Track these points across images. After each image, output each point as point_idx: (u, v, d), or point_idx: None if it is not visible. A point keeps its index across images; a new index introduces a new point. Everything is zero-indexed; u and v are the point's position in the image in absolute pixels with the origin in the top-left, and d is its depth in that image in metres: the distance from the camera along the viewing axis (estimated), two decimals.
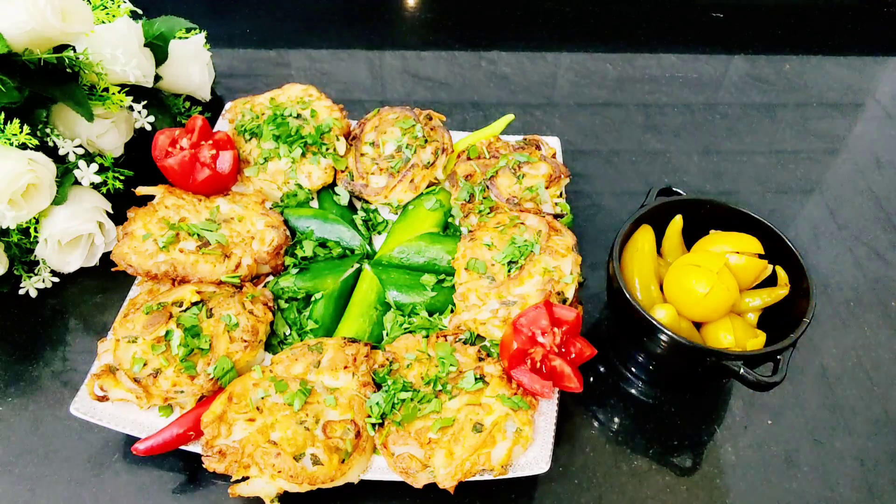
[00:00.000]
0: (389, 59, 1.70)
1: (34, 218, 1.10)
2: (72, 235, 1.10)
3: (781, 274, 1.02)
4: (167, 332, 0.95)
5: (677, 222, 1.08)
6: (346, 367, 0.96)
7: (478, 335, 1.03)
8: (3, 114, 1.05)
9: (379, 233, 1.23)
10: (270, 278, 1.14)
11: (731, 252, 1.02)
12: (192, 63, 1.39)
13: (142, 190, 1.17)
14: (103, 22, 1.25)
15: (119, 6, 1.29)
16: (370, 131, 1.27)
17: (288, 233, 1.16)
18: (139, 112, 1.24)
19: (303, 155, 1.21)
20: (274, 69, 1.64)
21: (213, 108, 1.50)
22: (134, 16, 1.30)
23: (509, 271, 1.05)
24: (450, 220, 1.22)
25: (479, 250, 1.08)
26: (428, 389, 0.93)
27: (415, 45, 1.74)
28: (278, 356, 0.98)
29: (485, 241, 1.09)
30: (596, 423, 1.03)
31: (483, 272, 1.05)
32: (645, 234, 1.07)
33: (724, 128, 1.56)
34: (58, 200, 1.10)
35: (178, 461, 0.96)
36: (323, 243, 1.19)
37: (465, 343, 1.02)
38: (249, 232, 1.13)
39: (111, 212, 1.17)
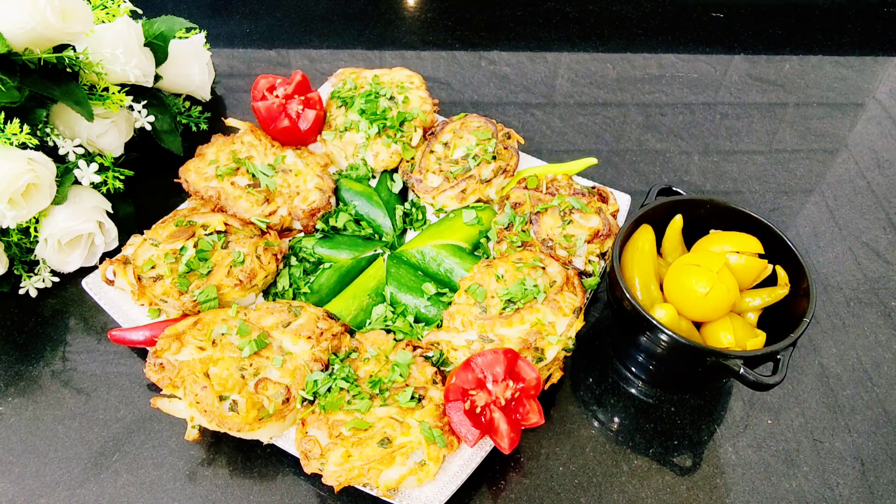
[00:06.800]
0: (389, 59, 1.70)
1: (34, 218, 1.10)
2: (72, 235, 1.10)
3: (781, 274, 1.02)
4: (182, 247, 1.05)
5: (677, 222, 1.08)
6: (308, 338, 0.98)
7: (446, 358, 1.00)
8: (3, 114, 1.05)
9: (415, 229, 1.24)
10: (301, 235, 1.19)
11: (731, 252, 1.02)
12: (192, 63, 1.39)
13: (230, 122, 1.27)
14: (103, 22, 1.25)
15: (119, 6, 1.29)
16: (448, 132, 1.28)
17: (333, 200, 1.21)
18: (139, 112, 1.24)
19: (378, 134, 1.25)
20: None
21: (214, 107, 1.50)
22: (134, 16, 1.30)
23: (504, 309, 1.01)
24: (483, 240, 1.20)
25: (488, 278, 1.05)
26: (367, 389, 0.93)
27: (415, 45, 1.74)
28: (260, 304, 1.02)
29: (497, 272, 1.06)
30: (596, 423, 1.03)
31: (480, 300, 1.03)
32: (645, 234, 1.07)
33: (724, 128, 1.56)
34: (58, 200, 1.10)
35: (178, 461, 0.96)
36: (358, 220, 1.23)
37: (427, 360, 0.99)
38: (298, 187, 1.19)
39: (111, 211, 1.17)
